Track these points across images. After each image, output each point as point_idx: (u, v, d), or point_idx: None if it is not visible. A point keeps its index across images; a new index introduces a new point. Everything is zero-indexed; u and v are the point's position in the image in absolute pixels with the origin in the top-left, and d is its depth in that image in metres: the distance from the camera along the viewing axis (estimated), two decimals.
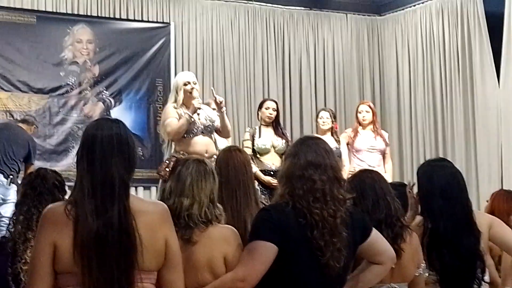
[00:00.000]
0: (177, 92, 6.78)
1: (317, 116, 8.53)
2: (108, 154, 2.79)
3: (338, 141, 8.27)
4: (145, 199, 2.97)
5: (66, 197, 4.68)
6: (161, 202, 3.09)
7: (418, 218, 4.13)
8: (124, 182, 2.77)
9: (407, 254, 3.75)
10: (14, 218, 4.40)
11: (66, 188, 4.61)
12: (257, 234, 3.17)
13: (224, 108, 6.86)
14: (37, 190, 4.46)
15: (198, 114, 6.64)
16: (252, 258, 3.12)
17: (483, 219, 4.38)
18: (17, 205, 4.55)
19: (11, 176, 7.85)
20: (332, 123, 8.39)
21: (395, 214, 3.80)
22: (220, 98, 6.88)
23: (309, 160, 3.26)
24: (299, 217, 3.15)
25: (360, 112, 8.50)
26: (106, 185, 2.74)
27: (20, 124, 8.60)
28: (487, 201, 6.10)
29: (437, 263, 3.96)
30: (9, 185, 7.83)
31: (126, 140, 2.86)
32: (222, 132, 6.94)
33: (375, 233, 3.37)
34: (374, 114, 8.59)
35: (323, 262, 3.11)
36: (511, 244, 4.28)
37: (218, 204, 3.59)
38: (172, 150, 6.77)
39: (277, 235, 3.11)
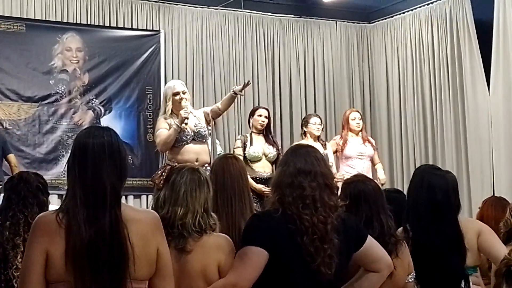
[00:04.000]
0: (166, 102, 6.83)
1: (306, 121, 8.48)
2: (99, 162, 2.77)
3: (324, 145, 8.27)
4: (136, 208, 2.97)
5: (50, 198, 4.69)
6: (152, 211, 3.07)
7: (399, 230, 4.10)
8: (115, 190, 2.76)
9: (399, 267, 3.73)
10: (0, 224, 4.37)
11: (49, 190, 4.61)
12: (248, 240, 3.18)
13: (242, 94, 7.23)
14: (22, 194, 4.43)
15: (186, 123, 6.65)
16: (243, 264, 3.12)
17: (472, 226, 4.36)
18: (1, 210, 4.50)
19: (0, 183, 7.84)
20: (322, 129, 8.47)
21: (388, 232, 3.77)
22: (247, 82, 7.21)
23: (299, 167, 3.27)
24: (289, 223, 3.15)
25: (353, 119, 8.53)
26: (97, 194, 2.72)
27: None
28: (479, 208, 6.10)
29: (423, 278, 3.96)
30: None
31: (118, 148, 2.85)
32: (221, 108, 7.12)
33: (370, 240, 3.35)
34: (364, 121, 8.72)
35: (313, 268, 3.11)
36: (498, 255, 4.03)
37: (213, 213, 3.59)
38: (165, 159, 6.81)
39: (267, 240, 3.12)
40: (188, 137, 6.71)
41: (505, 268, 2.68)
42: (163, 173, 3.88)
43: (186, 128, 6.69)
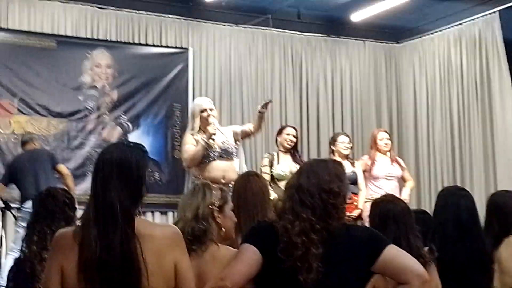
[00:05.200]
0: (193, 119, 6.85)
1: (334, 140, 8.47)
2: (107, 179, 2.79)
3: (352, 163, 8.26)
4: (155, 223, 2.96)
5: (77, 214, 4.73)
6: (173, 226, 3.09)
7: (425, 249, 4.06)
8: (125, 208, 2.75)
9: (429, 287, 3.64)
10: (27, 238, 4.40)
11: (76, 205, 4.63)
12: (244, 240, 3.19)
13: (265, 111, 7.13)
14: (49, 209, 4.46)
15: (213, 139, 6.66)
16: (235, 259, 3.12)
17: None
18: (29, 225, 4.53)
19: None
20: (351, 148, 8.46)
21: (416, 252, 3.72)
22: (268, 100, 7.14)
23: (301, 182, 3.21)
24: (281, 232, 3.11)
25: (381, 140, 8.48)
26: (106, 211, 2.74)
27: (25, 147, 8.70)
28: None
29: None
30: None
31: (130, 164, 2.82)
32: (254, 130, 7.17)
33: (391, 249, 3.13)
34: (391, 141, 8.67)
35: (301, 277, 3.03)
36: None
37: (211, 221, 3.58)
38: (191, 175, 6.83)
39: (260, 241, 3.11)
40: (215, 153, 6.72)
41: None
42: None
43: (214, 145, 6.70)
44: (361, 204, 7.96)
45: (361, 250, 3.11)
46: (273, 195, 6.63)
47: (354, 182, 8.04)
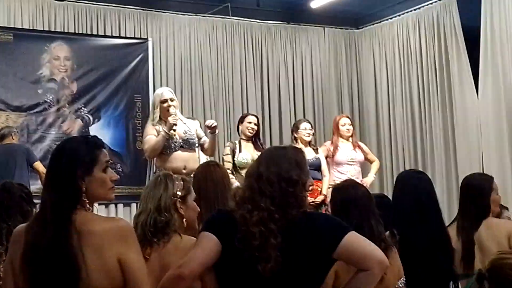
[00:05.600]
0: (154, 109, 6.82)
1: (296, 127, 8.48)
2: (46, 177, 2.82)
3: (315, 150, 8.28)
4: (101, 218, 2.86)
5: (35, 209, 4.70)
6: (119, 220, 2.94)
7: (386, 234, 4.09)
8: (58, 205, 2.73)
9: (390, 273, 3.65)
10: None
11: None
12: (203, 228, 3.18)
13: (217, 131, 6.86)
14: (4, 204, 4.42)
15: (174, 130, 6.62)
16: (194, 247, 3.13)
17: (503, 228, 4.38)
18: None
19: None
20: (313, 134, 8.47)
21: (378, 237, 3.74)
22: (212, 123, 6.85)
23: (261, 171, 3.20)
24: (239, 222, 3.10)
25: (343, 125, 8.52)
26: (43, 207, 2.75)
27: (2, 141, 8.63)
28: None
29: (412, 280, 3.94)
30: None
31: (60, 160, 2.81)
32: (207, 151, 6.98)
33: (351, 237, 3.09)
34: (353, 126, 8.72)
35: (259, 267, 3.01)
36: None
37: (173, 212, 3.57)
38: (153, 166, 6.79)
39: (218, 229, 3.10)
40: (177, 144, 6.69)
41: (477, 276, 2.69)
42: None
43: (175, 135, 6.67)
44: (324, 189, 8.01)
45: (320, 238, 3.08)
46: (235, 184, 6.65)
47: (318, 168, 8.08)
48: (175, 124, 6.62)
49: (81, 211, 2.76)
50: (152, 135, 6.68)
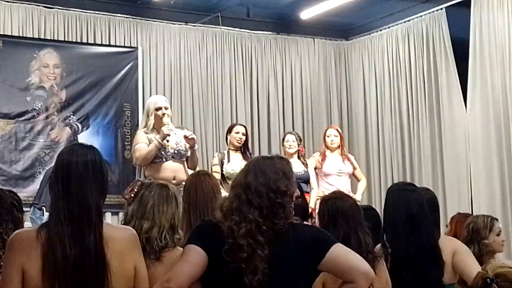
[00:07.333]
0: (148, 117, 6.79)
1: (283, 140, 8.53)
2: (84, 181, 2.82)
3: (305, 164, 8.29)
4: (113, 225, 2.99)
5: (24, 216, 4.68)
6: (130, 228, 3.09)
7: (378, 246, 4.11)
8: (99, 208, 2.81)
9: (377, 284, 3.65)
10: None
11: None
12: (188, 240, 3.17)
13: (196, 146, 6.84)
14: None
15: (167, 140, 6.61)
16: (180, 260, 3.11)
17: (448, 245, 4.38)
18: None
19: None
20: (298, 146, 8.43)
21: (365, 249, 3.76)
22: (189, 134, 6.82)
23: (247, 181, 3.20)
24: (226, 233, 3.09)
25: (328, 136, 8.55)
26: (82, 212, 2.77)
27: None
28: (446, 226, 6.12)
29: None
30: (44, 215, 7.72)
31: (101, 167, 2.92)
32: (189, 163, 6.93)
33: (337, 249, 3.11)
34: (341, 138, 8.71)
35: (246, 279, 3.02)
36: (471, 275, 3.73)
37: (180, 230, 3.59)
38: (141, 175, 6.75)
39: (204, 241, 3.10)
40: (168, 154, 6.69)
41: (481, 281, 2.68)
42: (134, 189, 3.88)
43: (168, 145, 6.66)
44: (312, 202, 7.97)
45: (307, 250, 3.10)
46: (224, 194, 6.64)
47: (306, 181, 8.09)
48: (169, 135, 6.62)
49: None
50: (143, 143, 6.67)
